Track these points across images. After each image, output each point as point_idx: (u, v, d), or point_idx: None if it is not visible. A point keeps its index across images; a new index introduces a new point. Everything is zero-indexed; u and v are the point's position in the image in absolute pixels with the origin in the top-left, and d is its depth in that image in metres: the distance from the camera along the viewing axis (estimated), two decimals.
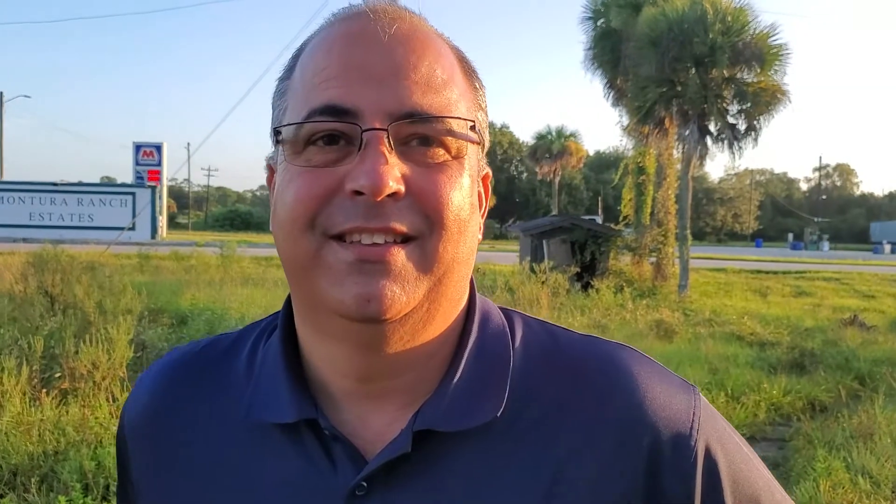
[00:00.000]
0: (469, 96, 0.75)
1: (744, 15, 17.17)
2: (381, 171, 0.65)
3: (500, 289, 13.99)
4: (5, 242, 28.11)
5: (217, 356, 0.85)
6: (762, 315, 13.67)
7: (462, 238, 0.71)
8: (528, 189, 79.02)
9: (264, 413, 0.76)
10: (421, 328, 0.72)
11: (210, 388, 0.82)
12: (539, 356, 0.78)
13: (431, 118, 0.68)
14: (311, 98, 0.69)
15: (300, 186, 0.68)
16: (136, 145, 44.17)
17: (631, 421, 0.74)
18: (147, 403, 0.84)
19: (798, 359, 9.55)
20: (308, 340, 0.77)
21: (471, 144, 0.73)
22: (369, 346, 0.71)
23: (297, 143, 0.69)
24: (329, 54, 0.70)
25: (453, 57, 0.75)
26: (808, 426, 6.53)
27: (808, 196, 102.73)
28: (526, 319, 0.83)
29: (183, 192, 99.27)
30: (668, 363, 7.99)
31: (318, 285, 0.68)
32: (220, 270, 16.49)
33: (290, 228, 0.69)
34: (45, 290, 9.82)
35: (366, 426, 0.75)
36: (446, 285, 0.72)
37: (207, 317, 9.51)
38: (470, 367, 0.75)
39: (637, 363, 0.78)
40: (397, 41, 0.69)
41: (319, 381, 0.77)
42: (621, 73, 20.25)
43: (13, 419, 5.08)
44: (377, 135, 0.66)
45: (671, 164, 20.17)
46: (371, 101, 0.67)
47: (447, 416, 0.72)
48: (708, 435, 0.76)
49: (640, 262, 20.24)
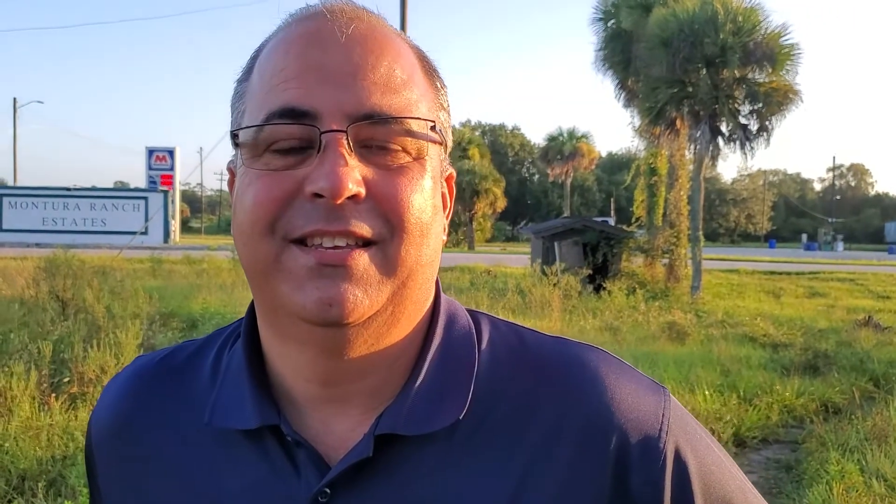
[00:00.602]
0: (430, 96, 0.74)
1: (755, 15, 17.11)
2: (340, 172, 0.64)
3: (511, 291, 13.97)
4: (19, 247, 28.32)
5: (181, 363, 0.84)
6: (775, 316, 13.61)
7: (424, 241, 0.70)
8: (539, 191, 79.00)
9: (227, 419, 0.75)
10: (385, 332, 0.71)
11: (174, 395, 0.81)
12: (506, 358, 0.77)
13: (390, 119, 0.68)
14: (268, 100, 0.68)
15: (259, 190, 0.67)
16: (148, 150, 44.40)
17: (598, 423, 0.73)
18: (112, 413, 0.83)
19: (811, 360, 9.49)
20: (271, 345, 0.76)
21: (432, 145, 0.72)
22: (332, 351, 0.70)
23: (257, 147, 0.68)
24: (286, 55, 0.69)
25: (413, 57, 0.74)
26: (821, 428, 6.47)
27: (822, 196, 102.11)
28: (493, 321, 0.82)
29: (196, 197, 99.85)
30: (680, 365, 8.00)
31: (280, 290, 0.67)
32: (231, 274, 16.55)
33: (249, 232, 0.68)
34: (56, 294, 9.87)
35: (329, 431, 0.74)
36: (410, 288, 0.71)
37: (217, 321, 9.53)
38: (433, 369, 0.75)
39: (605, 364, 0.77)
40: (355, 41, 0.69)
41: (282, 386, 0.76)
42: (632, 74, 20.22)
43: (22, 424, 5.11)
44: (336, 137, 0.65)
45: (683, 164, 20.10)
46: (329, 103, 0.66)
47: (409, 420, 0.71)
48: (677, 437, 0.74)
49: (652, 263, 20.16)
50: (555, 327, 10.75)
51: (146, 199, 39.75)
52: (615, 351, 1.04)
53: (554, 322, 11.24)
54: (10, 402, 5.51)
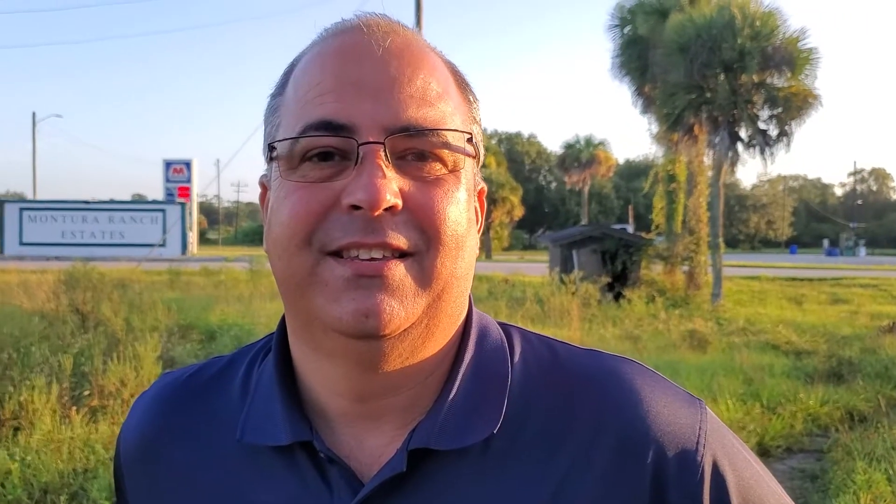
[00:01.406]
0: (464, 109, 0.74)
1: (773, 19, 17.02)
2: (378, 184, 0.64)
3: (529, 300, 13.92)
4: (39, 261, 28.58)
5: (209, 380, 0.84)
6: (798, 323, 13.47)
7: (460, 254, 0.70)
8: (556, 199, 78.90)
9: (258, 436, 0.75)
10: (419, 345, 0.71)
11: (202, 413, 0.81)
12: (538, 372, 0.77)
13: (427, 131, 0.68)
14: (305, 113, 0.68)
15: (296, 202, 0.67)
16: (165, 162, 44.77)
17: (634, 436, 0.72)
18: (139, 432, 0.83)
19: (835, 368, 9.37)
20: (303, 360, 0.75)
21: (467, 158, 0.72)
22: (367, 364, 0.70)
23: (293, 159, 0.69)
24: (323, 69, 0.70)
25: (447, 70, 0.75)
26: (846, 437, 6.38)
27: (844, 201, 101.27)
28: (525, 335, 0.81)
29: (213, 208, 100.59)
30: (702, 374, 7.93)
31: (315, 303, 0.67)
32: (249, 285, 16.62)
33: (286, 245, 0.68)
34: (76, 307, 9.95)
35: (362, 447, 0.73)
36: (445, 301, 0.71)
37: (236, 332, 9.56)
38: (466, 384, 0.74)
39: (640, 376, 0.76)
40: (391, 55, 0.69)
41: (315, 402, 0.75)
42: (649, 80, 20.16)
43: (44, 437, 5.13)
44: (374, 148, 0.66)
45: (702, 171, 19.99)
46: (366, 116, 0.67)
47: (442, 435, 0.71)
48: (715, 450, 0.73)
49: (672, 271, 20.03)
50: (574, 336, 10.68)
51: (164, 211, 40.08)
52: (636, 359, 1.02)
53: (573, 331, 11.18)
54: (31, 416, 5.54)
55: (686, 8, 18.72)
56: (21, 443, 5.12)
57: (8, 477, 4.61)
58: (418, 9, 26.06)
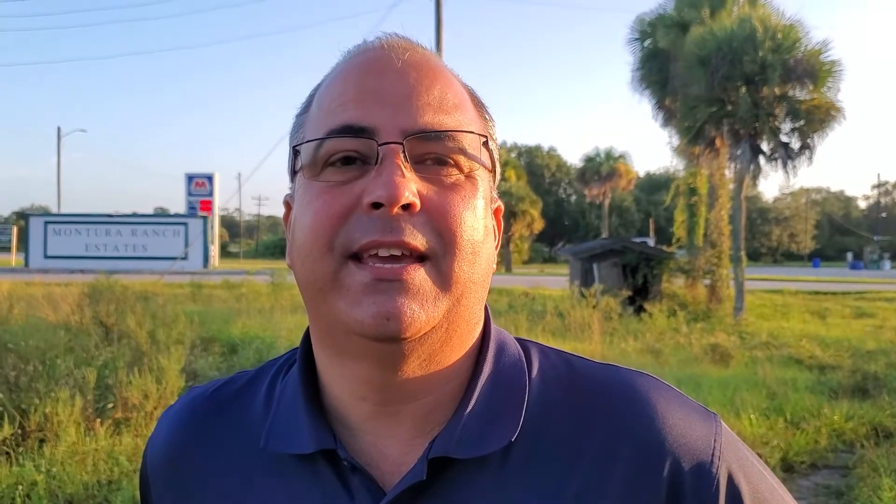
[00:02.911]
0: (479, 123, 0.77)
1: (794, 32, 16.92)
2: (397, 181, 0.67)
3: (550, 313, 13.87)
4: (63, 273, 28.85)
5: (234, 393, 0.86)
6: (821, 337, 13.31)
7: (476, 259, 0.72)
8: (577, 212, 78.66)
9: (282, 444, 0.77)
10: (438, 349, 0.73)
11: (227, 425, 0.83)
12: (556, 384, 0.79)
13: (444, 134, 0.71)
14: (328, 120, 0.72)
15: (319, 206, 0.70)
16: (188, 176, 45.06)
17: (651, 448, 0.73)
18: (165, 444, 0.86)
19: (860, 382, 9.24)
20: (326, 367, 0.78)
21: (483, 169, 0.75)
22: (388, 366, 0.72)
23: (315, 165, 0.72)
24: (345, 82, 0.74)
25: (463, 88, 0.78)
26: (872, 453, 6.29)
27: (867, 214, 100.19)
28: (543, 349, 0.84)
29: (234, 222, 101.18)
30: (724, 388, 7.83)
31: (337, 307, 0.69)
32: (270, 298, 16.68)
33: (309, 250, 0.70)
34: (99, 320, 10.03)
35: (382, 456, 0.75)
36: (464, 306, 0.73)
37: (257, 345, 9.59)
38: (485, 395, 0.76)
39: (656, 390, 0.78)
40: (410, 66, 0.73)
41: (337, 410, 0.77)
42: (670, 93, 20.08)
43: (68, 449, 5.16)
44: (393, 149, 0.69)
45: (723, 184, 19.87)
46: (386, 120, 0.70)
47: (461, 443, 0.72)
48: (730, 462, 0.75)
49: (693, 284, 19.89)
50: (595, 350, 10.63)
51: (186, 224, 40.32)
52: (658, 374, 1.04)
53: (594, 345, 11.12)
54: (56, 428, 5.58)
55: (707, 21, 18.65)
56: (46, 454, 5.16)
57: (34, 488, 4.64)
58: (438, 23, 26.20)
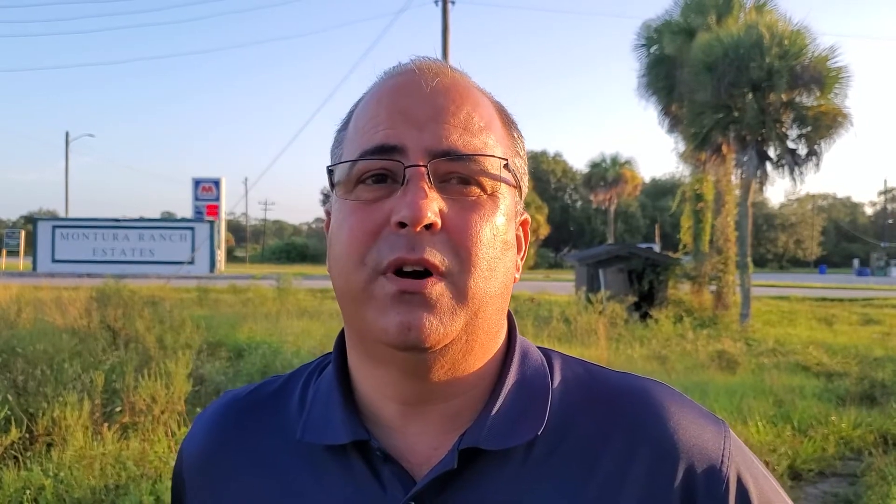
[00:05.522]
0: (506, 143, 0.82)
1: (801, 38, 16.89)
2: (420, 204, 0.71)
3: (555, 319, 13.85)
4: (71, 277, 28.91)
5: (269, 395, 0.91)
6: (828, 344, 13.27)
7: (492, 274, 0.76)
8: (582, 217, 78.65)
9: (318, 436, 0.81)
10: (461, 359, 0.78)
11: (263, 422, 0.88)
12: (577, 389, 0.84)
13: (467, 157, 0.76)
14: (363, 141, 0.77)
15: (353, 224, 0.75)
16: (195, 181, 45.23)
17: (665, 450, 0.79)
18: (201, 444, 0.90)
19: (868, 390, 9.20)
20: (359, 368, 0.83)
21: (507, 186, 0.80)
22: (413, 373, 0.77)
23: (349, 183, 0.77)
24: (379, 104, 0.79)
25: (492, 108, 0.83)
26: (880, 461, 6.27)
27: (874, 220, 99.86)
28: (564, 357, 0.89)
29: (241, 226, 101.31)
30: (731, 395, 7.79)
31: (367, 316, 0.75)
32: (276, 303, 16.71)
33: (344, 262, 0.76)
34: (107, 324, 10.05)
35: (412, 450, 0.80)
36: (482, 319, 0.77)
37: (264, 350, 9.60)
38: (511, 396, 0.81)
39: (669, 397, 0.84)
40: (438, 91, 0.78)
41: (368, 408, 0.82)
42: (676, 99, 20.06)
43: (76, 453, 5.16)
44: (418, 171, 0.74)
45: (730, 190, 19.85)
46: (413, 141, 0.75)
47: (490, 435, 0.77)
48: (738, 464, 0.81)
49: (699, 290, 19.86)
50: (601, 356, 10.62)
51: (192, 229, 40.48)
52: (664, 380, 1.04)
53: (600, 350, 11.10)
54: (64, 432, 5.59)
55: (713, 27, 18.66)
56: (54, 459, 5.17)
57: (41, 493, 4.65)
58: (445, 28, 26.24)
